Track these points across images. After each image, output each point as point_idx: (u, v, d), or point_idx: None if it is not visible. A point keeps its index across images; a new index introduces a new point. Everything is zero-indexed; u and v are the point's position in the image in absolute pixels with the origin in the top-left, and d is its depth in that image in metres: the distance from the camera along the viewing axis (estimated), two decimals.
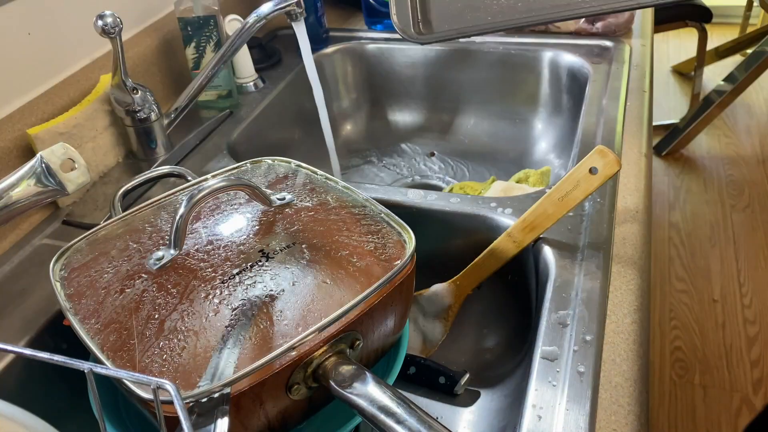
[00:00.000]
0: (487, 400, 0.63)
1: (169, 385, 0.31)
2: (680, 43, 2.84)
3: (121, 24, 0.67)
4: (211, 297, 0.42)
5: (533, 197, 0.64)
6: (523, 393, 0.47)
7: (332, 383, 0.40)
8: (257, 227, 0.49)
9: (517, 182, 0.83)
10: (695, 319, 1.69)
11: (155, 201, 0.54)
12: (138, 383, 0.36)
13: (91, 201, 0.71)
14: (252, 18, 0.74)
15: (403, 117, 1.09)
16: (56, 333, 0.56)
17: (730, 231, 1.95)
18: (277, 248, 0.46)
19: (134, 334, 0.40)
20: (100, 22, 0.66)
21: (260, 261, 0.45)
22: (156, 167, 0.74)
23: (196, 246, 0.47)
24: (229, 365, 0.38)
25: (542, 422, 0.44)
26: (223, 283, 0.43)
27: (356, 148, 1.07)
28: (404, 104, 1.09)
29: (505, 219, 0.63)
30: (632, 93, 0.82)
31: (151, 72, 0.85)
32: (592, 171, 0.55)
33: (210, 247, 0.47)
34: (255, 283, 0.43)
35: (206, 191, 0.44)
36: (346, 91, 1.09)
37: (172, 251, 0.45)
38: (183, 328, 0.40)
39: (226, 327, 0.40)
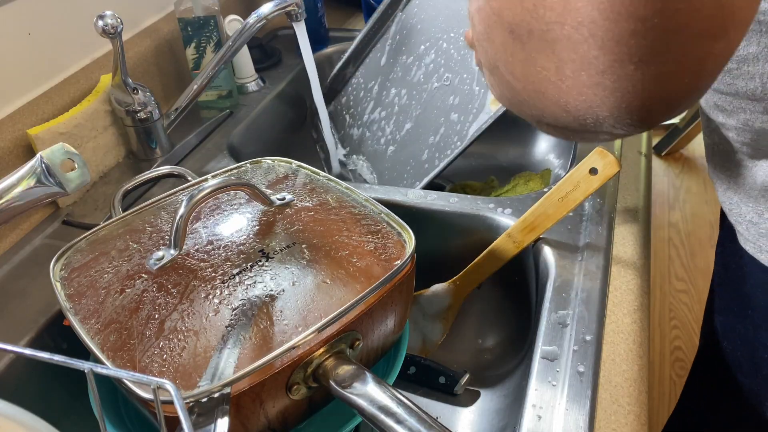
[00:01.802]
0: (487, 400, 0.63)
1: (169, 385, 0.31)
2: None
3: (122, 24, 0.67)
4: (211, 297, 0.42)
5: (533, 198, 0.64)
6: (523, 393, 0.47)
7: (332, 383, 0.40)
8: (257, 227, 0.49)
9: (515, 186, 0.83)
10: (695, 319, 1.69)
11: (155, 201, 0.54)
12: (138, 383, 0.36)
13: (91, 201, 0.71)
14: (252, 18, 0.74)
15: None
16: (56, 333, 0.56)
17: None
18: (277, 248, 0.46)
19: (134, 334, 0.40)
20: (100, 23, 0.66)
21: (260, 261, 0.45)
22: (156, 167, 0.74)
23: (196, 246, 0.47)
24: (229, 365, 0.38)
25: (542, 422, 0.44)
26: (223, 283, 0.43)
27: None
28: None
29: (505, 219, 0.63)
30: None
31: (152, 72, 0.85)
32: (592, 172, 0.55)
33: (210, 247, 0.47)
34: (255, 283, 0.43)
35: (206, 191, 0.44)
36: None
37: (172, 251, 0.45)
38: (183, 328, 0.40)
39: (226, 327, 0.40)
